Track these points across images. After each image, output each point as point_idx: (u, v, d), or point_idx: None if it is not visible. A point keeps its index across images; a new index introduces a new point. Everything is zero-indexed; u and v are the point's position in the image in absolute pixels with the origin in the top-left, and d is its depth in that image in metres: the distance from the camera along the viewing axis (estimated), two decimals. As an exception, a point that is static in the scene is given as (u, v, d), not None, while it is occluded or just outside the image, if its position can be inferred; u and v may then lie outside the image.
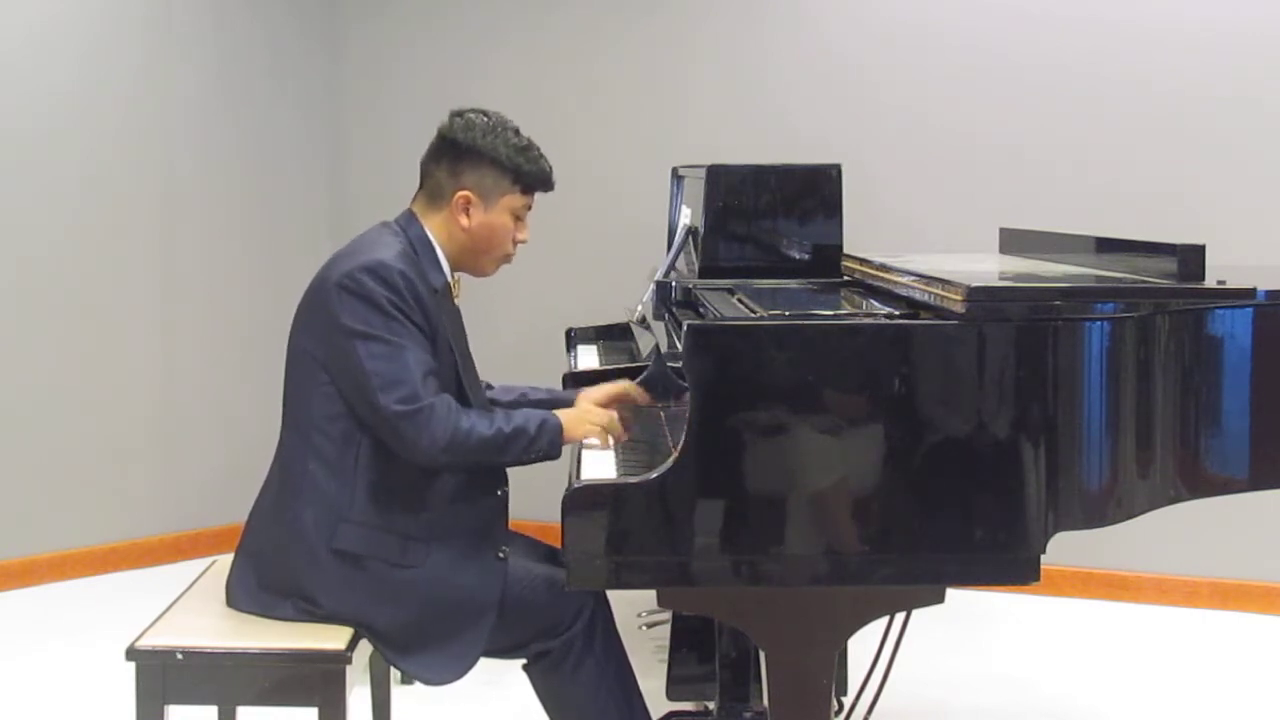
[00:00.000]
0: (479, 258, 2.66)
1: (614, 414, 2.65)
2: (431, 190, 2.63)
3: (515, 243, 2.67)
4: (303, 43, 5.19)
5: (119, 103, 4.72)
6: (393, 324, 2.45)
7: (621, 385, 2.82)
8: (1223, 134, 4.38)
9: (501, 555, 2.58)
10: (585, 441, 2.58)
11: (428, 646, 2.53)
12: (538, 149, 2.64)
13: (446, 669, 2.54)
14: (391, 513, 2.51)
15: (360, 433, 2.50)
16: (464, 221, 2.60)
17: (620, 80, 4.98)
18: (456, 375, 2.58)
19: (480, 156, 2.59)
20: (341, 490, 2.50)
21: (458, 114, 2.64)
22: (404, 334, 2.46)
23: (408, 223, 2.63)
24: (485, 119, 2.62)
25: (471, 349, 2.72)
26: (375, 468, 2.50)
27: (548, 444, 2.51)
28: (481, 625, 2.55)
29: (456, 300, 2.69)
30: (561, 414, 2.57)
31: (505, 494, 2.65)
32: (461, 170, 2.59)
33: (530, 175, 2.62)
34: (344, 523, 2.49)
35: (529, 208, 2.66)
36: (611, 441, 2.59)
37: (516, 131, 2.63)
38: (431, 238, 2.61)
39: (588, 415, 2.61)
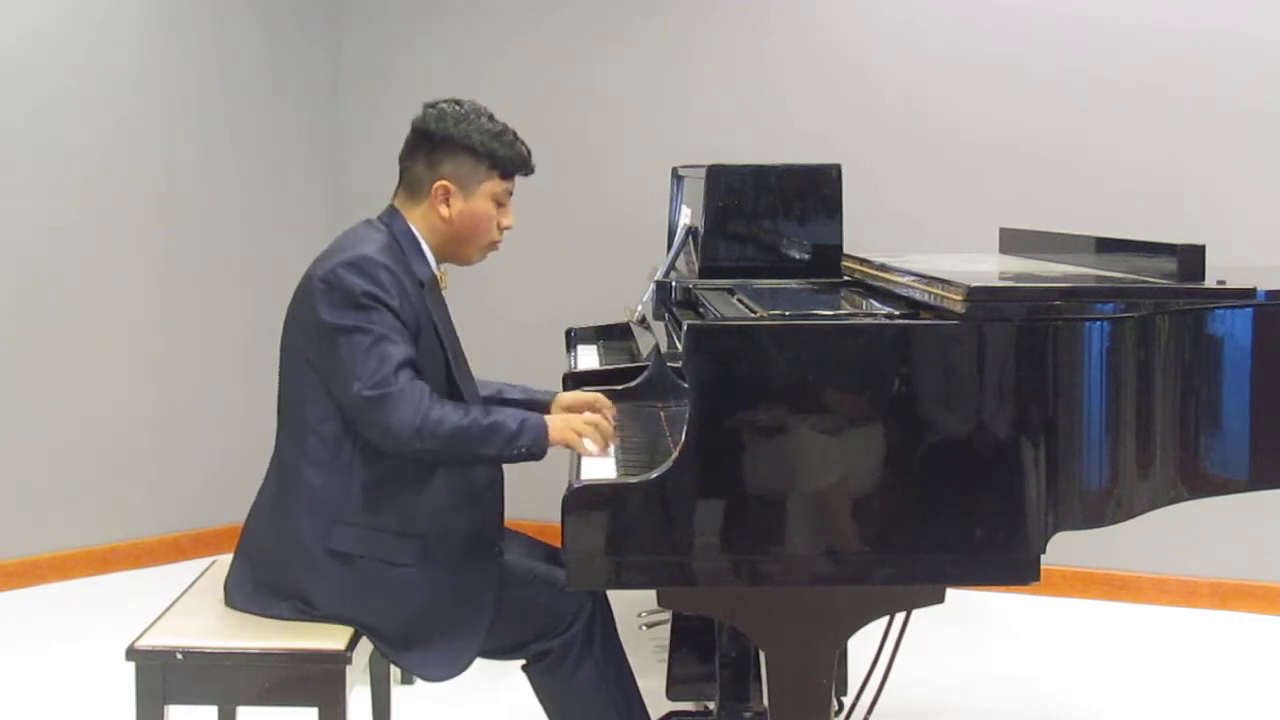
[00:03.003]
0: (463, 246, 2.65)
1: (600, 418, 2.59)
2: (411, 184, 2.63)
3: (500, 229, 2.66)
4: (303, 43, 5.19)
5: (119, 103, 4.72)
6: (372, 315, 2.44)
7: (593, 395, 2.80)
8: (1223, 134, 4.38)
9: (497, 551, 2.58)
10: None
11: (426, 644, 2.52)
12: (513, 133, 2.63)
13: (445, 666, 2.54)
14: (386, 512, 2.51)
15: (352, 432, 2.49)
16: (444, 211, 2.60)
17: (621, 80, 4.98)
18: (446, 367, 2.58)
19: (455, 145, 2.59)
20: (336, 491, 2.50)
21: (430, 105, 2.65)
22: (383, 324, 2.44)
23: (390, 218, 2.63)
24: (458, 108, 2.63)
25: (471, 350, 2.71)
26: (369, 467, 2.49)
27: (530, 441, 2.47)
28: (479, 621, 2.55)
29: (444, 292, 2.69)
30: (549, 417, 2.53)
31: (500, 492, 2.64)
32: (438, 160, 2.60)
33: (507, 159, 2.61)
34: (340, 524, 2.49)
35: (510, 192, 2.65)
36: (594, 446, 2.51)
37: (491, 117, 2.63)
38: (415, 231, 2.61)
39: (573, 420, 2.55)
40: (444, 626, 2.53)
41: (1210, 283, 2.46)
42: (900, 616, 2.80)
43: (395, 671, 3.06)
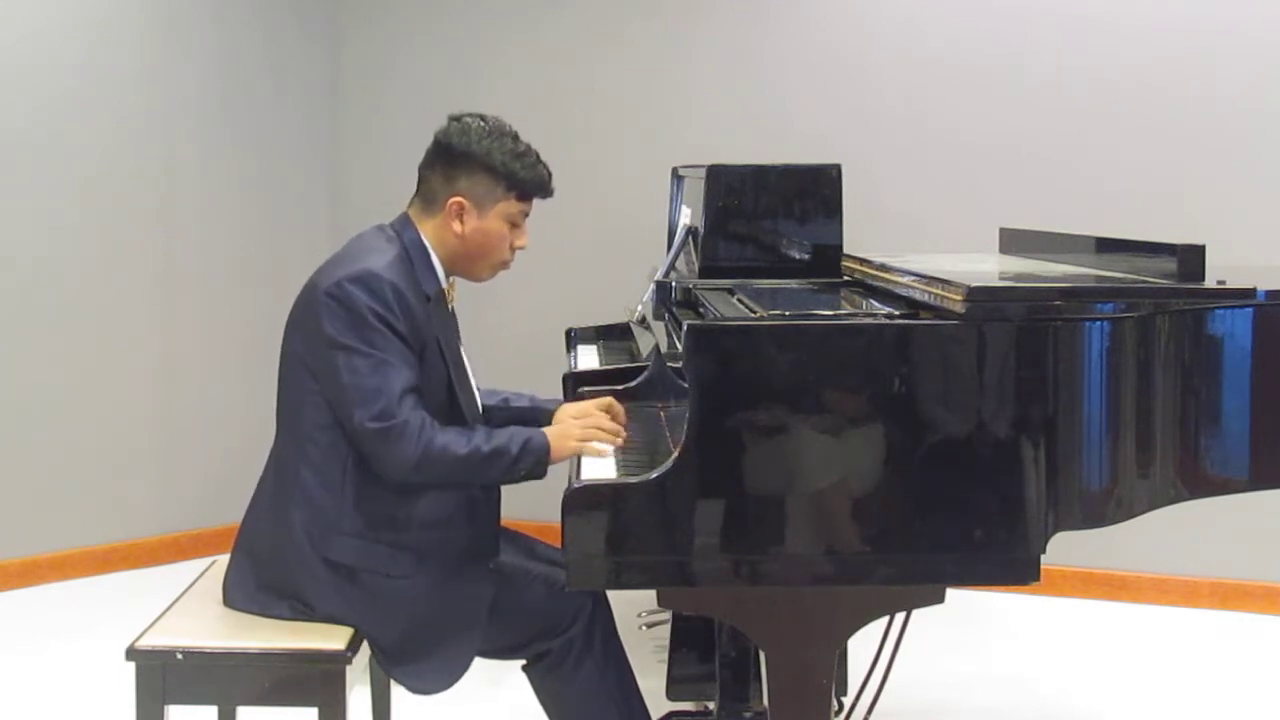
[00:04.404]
0: (473, 264, 2.63)
1: (600, 420, 2.59)
2: (426, 195, 2.61)
3: (513, 249, 2.64)
4: (303, 43, 5.19)
5: (119, 103, 4.72)
6: (375, 337, 2.42)
7: (604, 401, 2.79)
8: (1222, 134, 4.38)
9: (492, 567, 2.58)
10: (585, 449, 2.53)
11: (417, 657, 2.52)
12: (535, 154, 2.60)
13: (434, 680, 2.55)
14: (382, 523, 2.49)
15: (349, 443, 2.48)
16: (457, 228, 2.57)
17: (621, 80, 4.98)
18: (448, 383, 2.56)
19: (474, 162, 2.55)
20: (333, 500, 2.48)
21: (455, 118, 2.61)
22: (387, 348, 2.42)
23: (402, 227, 2.60)
24: (482, 124, 2.58)
25: (471, 350, 2.71)
26: (366, 477, 2.48)
27: (533, 463, 2.46)
28: (469, 638, 2.54)
29: (451, 305, 2.67)
30: (549, 431, 2.52)
31: (498, 503, 2.63)
32: (456, 176, 2.56)
33: (526, 182, 2.58)
34: (336, 534, 2.48)
35: (526, 214, 2.62)
36: (608, 448, 2.53)
37: (515, 137, 2.59)
38: (426, 243, 2.59)
39: (572, 430, 2.54)
40: (436, 640, 2.52)
41: (1210, 283, 2.46)
42: (900, 616, 2.80)
43: (395, 671, 3.06)
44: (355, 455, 2.48)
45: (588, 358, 3.67)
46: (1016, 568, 2.22)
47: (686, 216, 3.28)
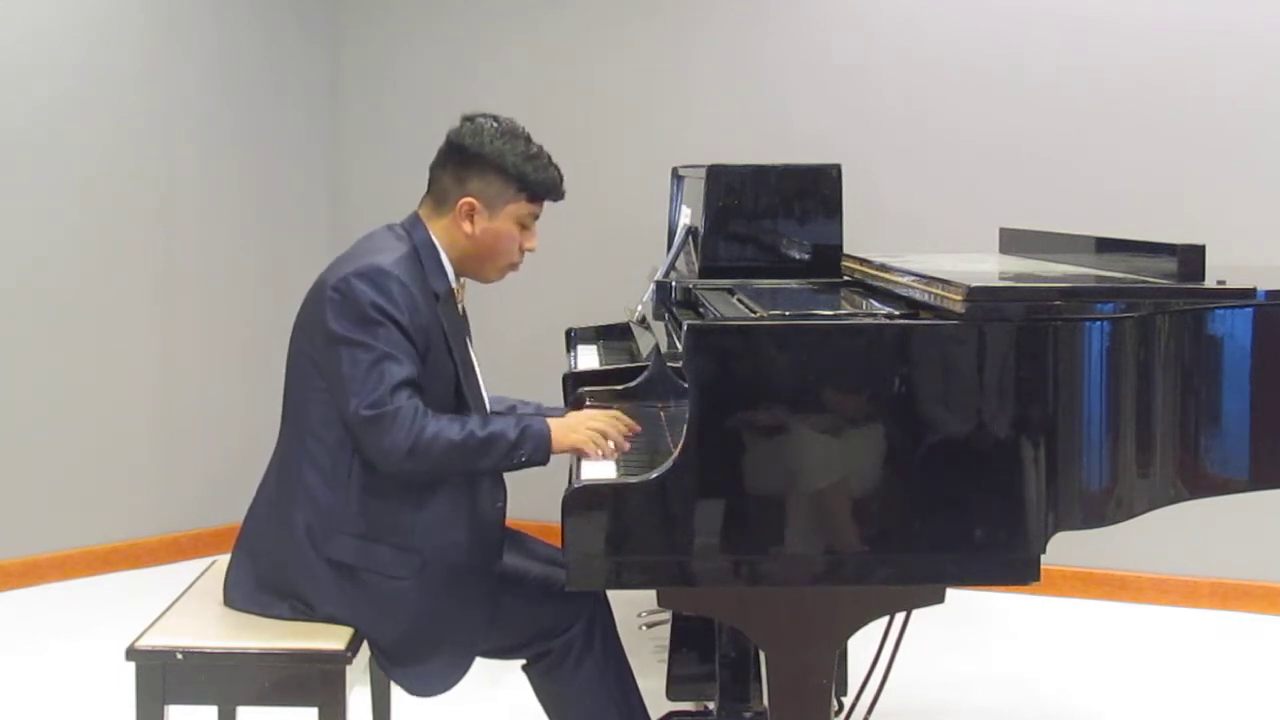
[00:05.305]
0: (483, 264, 2.63)
1: (608, 428, 2.55)
2: (437, 195, 2.60)
3: (522, 250, 2.63)
4: (303, 43, 5.19)
5: (119, 103, 4.72)
6: (377, 330, 2.42)
7: (614, 414, 2.78)
8: (1223, 134, 4.38)
9: (495, 570, 2.58)
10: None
11: (417, 659, 2.52)
12: (547, 156, 2.60)
13: (434, 682, 2.55)
14: (385, 524, 2.49)
15: (354, 441, 2.48)
16: (467, 228, 2.57)
17: (621, 80, 4.98)
18: (455, 382, 2.56)
19: (486, 163, 2.55)
20: (336, 499, 2.48)
21: (468, 119, 2.60)
22: (388, 340, 2.42)
23: (412, 226, 2.60)
24: (495, 125, 2.58)
25: (473, 351, 2.70)
26: (370, 476, 2.47)
27: (532, 449, 2.45)
28: (469, 642, 2.54)
29: (461, 306, 2.67)
30: (553, 422, 2.51)
31: (503, 507, 2.63)
32: (467, 177, 2.56)
33: (537, 184, 2.57)
34: (339, 534, 2.48)
35: (536, 216, 2.62)
36: (605, 452, 2.51)
37: (527, 139, 2.59)
38: (436, 242, 2.59)
39: (584, 421, 2.54)
40: (437, 644, 2.52)
41: (1210, 283, 2.46)
42: (900, 616, 2.80)
43: (395, 671, 3.06)
44: (361, 456, 2.47)
45: (588, 358, 3.67)
46: (1016, 568, 2.23)
47: (686, 216, 3.28)
